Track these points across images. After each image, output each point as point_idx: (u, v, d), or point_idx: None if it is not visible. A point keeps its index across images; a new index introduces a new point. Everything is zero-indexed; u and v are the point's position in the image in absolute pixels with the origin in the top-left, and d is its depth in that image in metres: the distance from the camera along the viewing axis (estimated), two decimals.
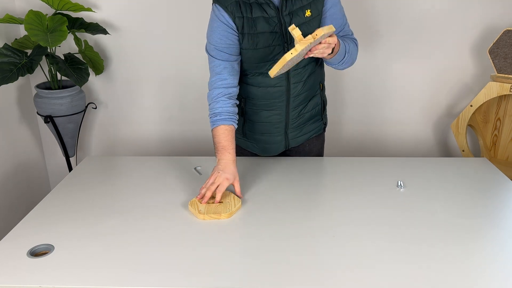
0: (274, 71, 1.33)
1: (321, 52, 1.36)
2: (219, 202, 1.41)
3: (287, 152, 1.82)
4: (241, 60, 1.59)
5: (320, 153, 1.87)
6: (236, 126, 1.57)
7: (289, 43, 1.52)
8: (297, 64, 1.56)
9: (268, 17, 1.49)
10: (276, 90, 1.61)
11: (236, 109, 1.58)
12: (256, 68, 1.58)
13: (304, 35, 1.31)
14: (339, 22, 1.59)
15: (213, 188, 1.42)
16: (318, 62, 1.67)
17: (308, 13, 1.51)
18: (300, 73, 1.61)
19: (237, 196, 1.46)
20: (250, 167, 1.69)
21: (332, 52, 1.45)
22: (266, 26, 1.49)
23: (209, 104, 1.58)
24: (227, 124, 1.52)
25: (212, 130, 1.55)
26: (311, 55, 1.37)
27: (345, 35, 1.64)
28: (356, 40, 1.66)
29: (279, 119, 1.68)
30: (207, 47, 1.57)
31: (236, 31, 1.50)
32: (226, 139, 1.51)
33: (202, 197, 1.41)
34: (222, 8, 1.48)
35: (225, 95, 1.55)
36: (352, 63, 1.60)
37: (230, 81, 1.55)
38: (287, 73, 1.59)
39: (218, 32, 1.51)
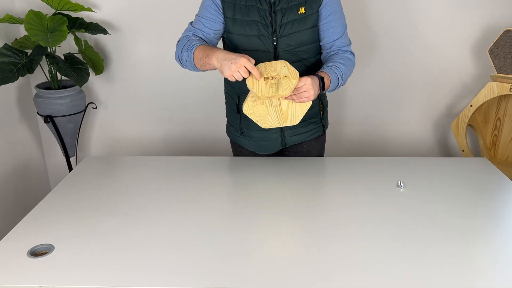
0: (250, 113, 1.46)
1: (303, 100, 1.43)
2: (270, 78, 1.39)
3: (285, 153, 1.82)
4: (235, 50, 1.60)
5: (320, 155, 1.86)
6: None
7: (277, 37, 1.54)
8: (286, 59, 1.56)
9: (261, 8, 1.52)
10: None
11: None
12: None
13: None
14: (336, 34, 1.59)
15: (244, 68, 1.37)
16: (315, 62, 1.66)
17: (302, 10, 1.52)
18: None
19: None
20: (249, 167, 1.69)
21: (324, 89, 1.50)
22: (258, 16, 1.52)
23: (181, 49, 1.56)
24: (202, 44, 1.54)
25: (193, 52, 1.51)
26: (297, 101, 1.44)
27: (339, 51, 1.60)
28: (352, 53, 1.63)
29: None
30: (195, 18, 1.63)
31: (222, 13, 1.55)
32: (209, 47, 1.50)
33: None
34: None
35: (193, 36, 1.58)
36: (345, 82, 1.62)
37: (201, 33, 1.60)
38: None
39: (204, 5, 1.58)
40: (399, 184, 1.54)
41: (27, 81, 2.54)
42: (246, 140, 1.76)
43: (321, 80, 1.48)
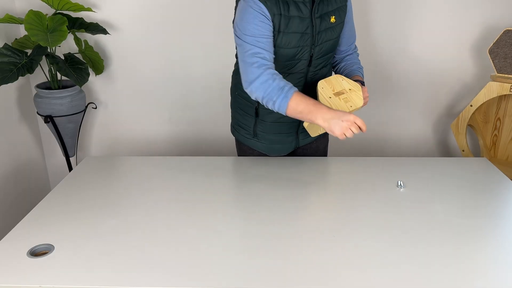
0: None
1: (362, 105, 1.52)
2: (339, 94, 1.47)
3: (294, 151, 1.83)
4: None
5: (325, 151, 1.89)
6: None
7: (316, 45, 1.54)
8: (315, 66, 1.60)
9: (303, 17, 1.47)
10: None
11: None
12: (282, 68, 1.56)
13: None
14: (353, 37, 1.70)
15: (356, 125, 1.38)
16: (328, 66, 1.70)
17: (332, 19, 1.53)
18: (317, 74, 1.62)
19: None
20: (252, 167, 1.69)
21: None
22: (299, 27, 1.48)
23: (265, 89, 1.43)
24: (297, 90, 1.45)
25: (288, 103, 1.41)
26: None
27: (353, 52, 1.73)
28: (357, 51, 1.76)
29: (292, 119, 1.66)
30: (240, 37, 1.46)
31: (272, 28, 1.46)
32: (309, 98, 1.42)
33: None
34: (261, 2, 1.41)
35: (274, 74, 1.45)
36: None
37: (270, 60, 1.46)
38: (305, 74, 1.60)
39: (255, 23, 1.43)
40: (399, 184, 1.54)
41: (27, 81, 2.54)
42: (259, 143, 1.75)
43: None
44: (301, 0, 1.45)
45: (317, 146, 1.83)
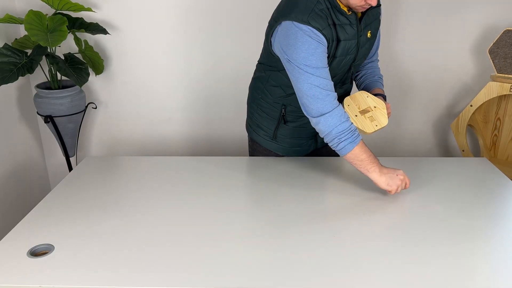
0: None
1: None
2: (364, 112, 1.52)
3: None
4: None
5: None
6: None
7: (355, 62, 1.56)
8: (351, 74, 1.64)
9: (349, 39, 1.46)
10: None
11: None
12: None
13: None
14: (377, 46, 1.72)
15: (408, 181, 1.45)
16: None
17: (369, 34, 1.53)
18: (349, 83, 1.67)
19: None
20: (255, 167, 1.69)
21: None
22: (346, 49, 1.47)
23: (336, 126, 1.43)
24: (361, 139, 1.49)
25: (354, 148, 1.44)
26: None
27: (375, 59, 1.75)
28: (378, 57, 1.78)
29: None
30: (299, 66, 1.40)
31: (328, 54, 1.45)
32: (367, 150, 1.48)
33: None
34: (319, 31, 1.38)
35: (344, 112, 1.47)
36: None
37: (334, 90, 1.47)
38: (341, 83, 1.63)
39: (317, 53, 1.39)
40: None
41: (27, 81, 2.54)
42: (278, 145, 1.74)
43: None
44: (348, 23, 1.43)
45: (331, 150, 1.82)
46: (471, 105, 2.27)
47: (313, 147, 1.77)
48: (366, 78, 1.71)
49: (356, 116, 1.52)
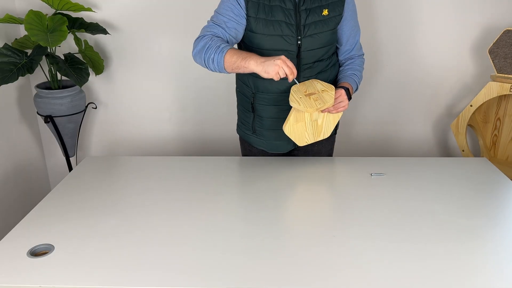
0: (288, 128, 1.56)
1: (340, 109, 1.57)
2: (310, 94, 1.52)
3: (295, 152, 1.83)
4: (253, 49, 1.60)
5: (329, 155, 1.89)
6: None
7: (302, 36, 1.56)
8: (308, 58, 1.61)
9: (285, 7, 1.52)
10: (284, 83, 1.62)
11: None
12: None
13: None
14: (356, 37, 1.71)
15: (286, 67, 1.41)
16: (330, 62, 1.69)
17: (325, 12, 1.55)
18: (311, 68, 1.62)
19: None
20: (254, 167, 1.69)
21: (350, 99, 1.61)
22: (283, 16, 1.53)
23: (205, 50, 1.51)
24: (231, 48, 1.51)
25: (224, 56, 1.47)
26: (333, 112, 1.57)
27: (354, 55, 1.73)
28: (363, 56, 1.76)
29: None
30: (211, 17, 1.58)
31: (245, 12, 1.53)
32: (241, 51, 1.48)
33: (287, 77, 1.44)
34: None
35: (214, 35, 1.54)
36: None
37: (219, 36, 1.55)
38: (298, 67, 1.61)
39: (227, 4, 1.54)
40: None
41: (27, 81, 2.54)
42: (258, 139, 1.77)
43: (347, 91, 1.60)
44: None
45: (319, 150, 1.82)
46: (471, 105, 2.28)
47: (292, 143, 1.75)
48: (339, 74, 1.74)
49: (301, 98, 1.52)
